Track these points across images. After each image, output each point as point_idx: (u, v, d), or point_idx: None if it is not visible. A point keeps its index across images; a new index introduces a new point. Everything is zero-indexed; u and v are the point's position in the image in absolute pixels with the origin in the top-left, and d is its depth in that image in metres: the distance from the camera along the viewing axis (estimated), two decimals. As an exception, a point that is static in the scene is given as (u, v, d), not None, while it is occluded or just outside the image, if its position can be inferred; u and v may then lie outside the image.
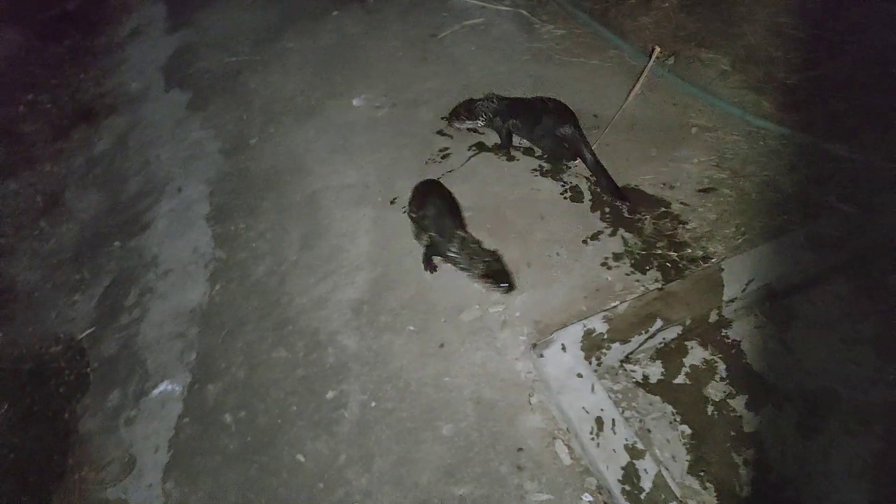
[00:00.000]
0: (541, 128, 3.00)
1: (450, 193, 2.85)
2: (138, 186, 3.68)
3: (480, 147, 3.27)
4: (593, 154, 2.89)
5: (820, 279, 2.34)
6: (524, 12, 4.18)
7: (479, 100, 3.25)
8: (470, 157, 3.23)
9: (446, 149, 3.31)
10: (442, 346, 2.49)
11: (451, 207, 2.77)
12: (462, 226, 2.71)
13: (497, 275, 2.53)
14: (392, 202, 3.10)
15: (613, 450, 1.95)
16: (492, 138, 3.27)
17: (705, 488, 1.90)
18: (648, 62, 3.12)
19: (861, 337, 2.15)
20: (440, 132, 3.42)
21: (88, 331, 3.03)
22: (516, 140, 3.20)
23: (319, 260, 2.93)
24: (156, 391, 2.69)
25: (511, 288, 2.54)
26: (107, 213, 3.61)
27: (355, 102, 3.73)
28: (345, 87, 3.89)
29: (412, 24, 4.33)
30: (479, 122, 3.23)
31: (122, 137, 4.09)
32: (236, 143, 3.70)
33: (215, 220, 3.29)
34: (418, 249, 2.81)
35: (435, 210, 2.71)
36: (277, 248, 3.05)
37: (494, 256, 2.58)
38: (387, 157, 3.33)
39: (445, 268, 2.73)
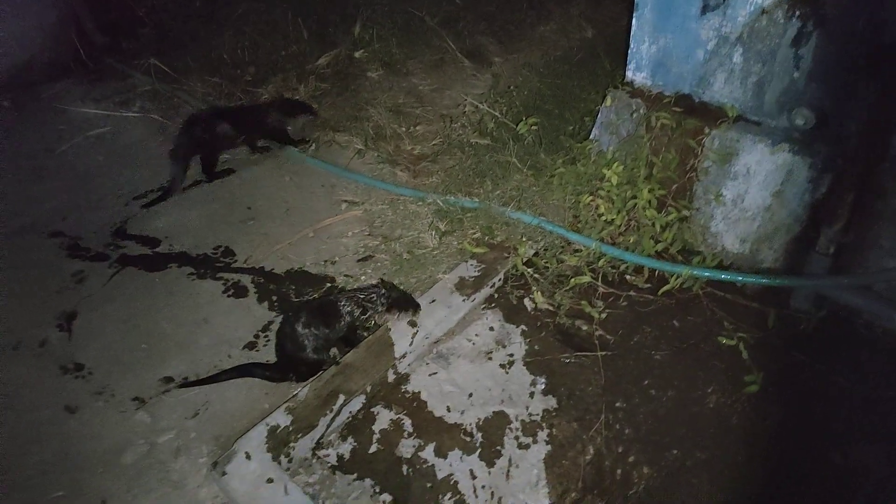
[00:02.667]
0: None
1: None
2: None
3: (123, 261, 2.93)
4: None
5: (472, 318, 2.58)
6: (156, 117, 3.99)
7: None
8: (112, 276, 2.86)
9: (81, 272, 2.88)
10: (104, 502, 2.06)
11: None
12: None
13: (401, 301, 2.40)
14: (15, 347, 2.55)
15: (318, 548, 1.79)
16: (133, 249, 2.97)
17: (415, 551, 1.87)
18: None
19: (511, 361, 2.40)
20: (72, 255, 2.98)
21: None
22: (177, 244, 2.96)
23: (-87, 446, 2.23)
24: None
25: (418, 308, 2.45)
26: None
27: (-52, 239, 3.05)
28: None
29: (22, 141, 3.79)
30: None
31: None
32: None
33: None
34: (56, 397, 2.35)
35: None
36: None
37: (385, 285, 2.42)
38: (1, 296, 2.75)
39: (96, 407, 2.32)
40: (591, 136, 2.96)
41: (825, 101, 2.36)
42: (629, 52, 2.77)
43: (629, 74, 2.82)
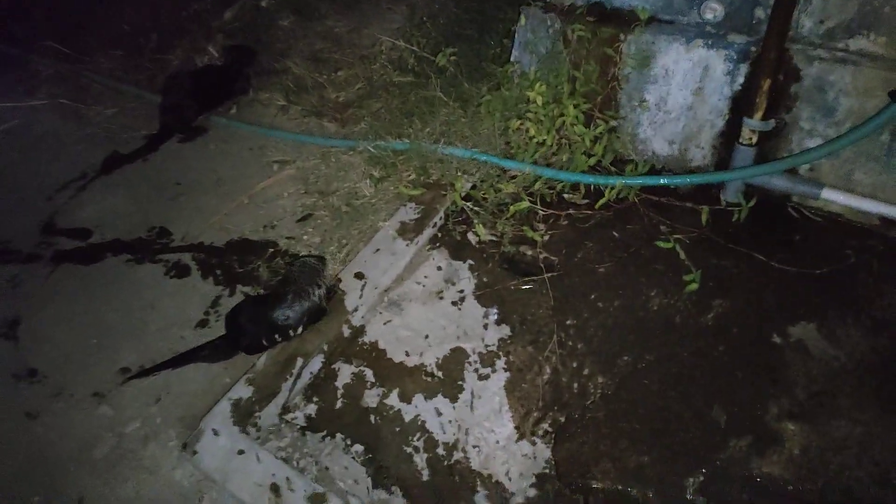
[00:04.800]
0: None
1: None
2: None
3: (58, 258, 2.83)
4: None
5: (419, 261, 2.59)
6: (66, 101, 3.77)
7: None
8: (49, 275, 2.78)
9: (16, 276, 2.79)
10: (81, 501, 2.07)
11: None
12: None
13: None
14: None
15: (297, 508, 1.86)
16: (65, 244, 2.88)
17: (392, 493, 1.94)
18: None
19: (462, 297, 2.44)
20: (3, 260, 2.87)
21: None
22: (109, 232, 2.87)
23: None
24: None
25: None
26: None
27: None
28: None
29: (-76, 151, 3.56)
30: None
31: None
32: None
33: None
34: (15, 406, 2.32)
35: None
36: None
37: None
38: (-65, 316, 2.66)
39: (57, 408, 2.30)
40: (512, 59, 2.91)
41: (732, -10, 2.35)
42: (536, -36, 2.69)
43: (539, -11, 2.75)
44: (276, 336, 2.28)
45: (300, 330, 2.30)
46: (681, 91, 2.53)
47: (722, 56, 2.40)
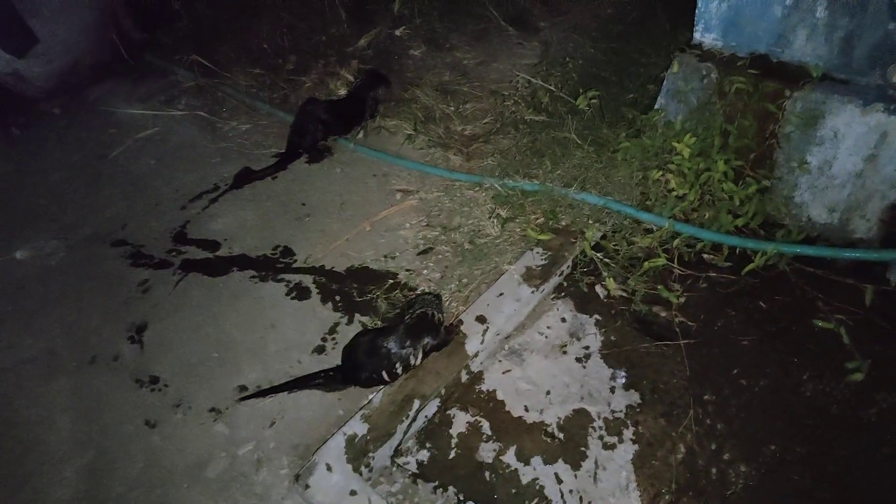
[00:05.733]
0: None
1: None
2: None
3: (186, 267, 2.93)
4: None
5: (543, 310, 2.48)
6: (203, 114, 3.95)
7: None
8: (177, 283, 2.87)
9: (146, 280, 2.90)
10: (192, 518, 2.09)
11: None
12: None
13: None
14: (92, 361, 2.59)
15: (408, 563, 1.77)
16: (194, 254, 2.98)
17: (505, 560, 1.83)
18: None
19: (587, 353, 2.31)
20: (136, 263, 3.00)
21: None
22: (237, 246, 2.94)
23: (4, 466, 2.30)
24: None
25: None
26: None
27: (18, 255, 3.10)
28: (1, 240, 3.22)
29: (75, 149, 3.81)
30: None
31: None
32: None
33: None
34: (136, 412, 2.38)
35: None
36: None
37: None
38: (72, 310, 2.79)
39: (175, 420, 2.34)
40: (657, 106, 2.77)
41: (926, 52, 2.13)
42: (696, 11, 2.56)
43: (697, 36, 2.61)
44: (396, 368, 2.22)
45: (420, 359, 2.23)
46: (850, 156, 2.31)
47: (904, 123, 2.18)
